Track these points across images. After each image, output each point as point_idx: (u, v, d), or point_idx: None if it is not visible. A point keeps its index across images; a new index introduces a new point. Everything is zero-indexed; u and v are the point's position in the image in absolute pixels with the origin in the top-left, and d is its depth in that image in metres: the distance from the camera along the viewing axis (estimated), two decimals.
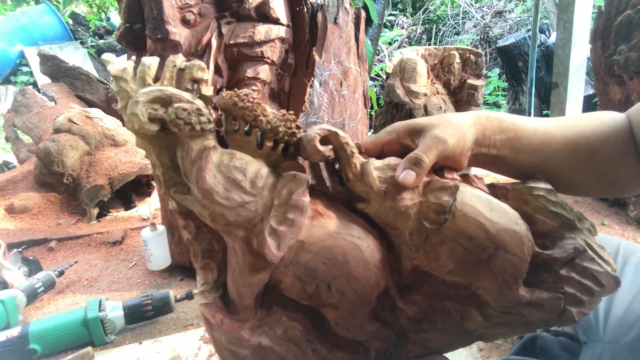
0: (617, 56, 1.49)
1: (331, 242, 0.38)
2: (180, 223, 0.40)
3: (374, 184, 0.39)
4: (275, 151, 0.39)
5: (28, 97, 2.30)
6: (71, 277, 1.33)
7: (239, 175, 0.36)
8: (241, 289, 0.39)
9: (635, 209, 1.51)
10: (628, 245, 0.64)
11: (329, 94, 1.10)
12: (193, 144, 0.35)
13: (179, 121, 0.34)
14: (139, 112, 0.33)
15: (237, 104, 0.36)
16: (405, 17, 5.19)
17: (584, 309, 0.40)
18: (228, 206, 0.36)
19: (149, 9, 0.99)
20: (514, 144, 0.48)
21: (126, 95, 0.35)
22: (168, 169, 0.38)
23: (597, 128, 0.49)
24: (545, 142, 0.49)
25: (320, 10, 1.08)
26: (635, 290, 0.57)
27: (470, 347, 0.88)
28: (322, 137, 0.39)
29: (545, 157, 0.49)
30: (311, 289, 0.38)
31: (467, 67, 1.62)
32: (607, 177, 0.50)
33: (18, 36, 4.69)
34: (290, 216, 0.37)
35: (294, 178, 0.38)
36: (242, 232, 0.37)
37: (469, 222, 0.39)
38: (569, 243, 0.42)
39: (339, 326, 0.40)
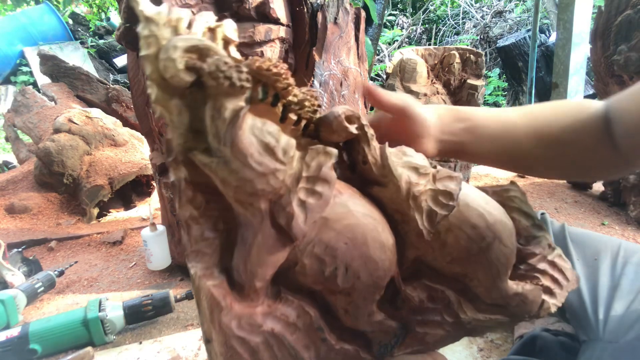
0: (617, 56, 1.49)
1: (353, 220, 0.37)
2: (187, 196, 0.36)
3: (394, 166, 0.39)
4: (297, 127, 0.38)
5: (28, 97, 2.30)
6: (71, 277, 1.33)
7: (272, 140, 0.33)
8: (256, 268, 0.36)
9: (635, 209, 1.51)
10: (628, 245, 0.64)
11: (329, 94, 1.10)
12: (227, 103, 0.32)
13: (219, 74, 0.30)
14: (177, 58, 0.30)
15: (272, 69, 0.33)
16: (405, 17, 5.19)
17: (556, 301, 0.44)
18: (260, 172, 0.33)
19: None
20: (472, 131, 0.51)
21: (156, 41, 0.31)
22: (186, 131, 0.34)
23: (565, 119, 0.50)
24: (506, 131, 0.51)
25: (320, 10, 1.08)
26: (636, 290, 0.58)
27: (470, 347, 0.88)
28: (347, 116, 0.38)
29: (508, 145, 0.51)
30: (329, 271, 0.37)
31: (467, 67, 1.62)
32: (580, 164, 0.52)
33: (18, 36, 4.68)
34: (319, 189, 0.36)
35: (324, 150, 0.36)
36: (265, 204, 0.34)
37: (472, 211, 0.40)
38: (542, 241, 0.47)
39: (348, 315, 0.40)
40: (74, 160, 1.86)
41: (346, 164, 0.42)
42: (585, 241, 0.66)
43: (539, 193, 1.85)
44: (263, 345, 0.36)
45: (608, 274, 0.61)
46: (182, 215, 0.37)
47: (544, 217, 0.71)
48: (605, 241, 0.66)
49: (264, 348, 0.36)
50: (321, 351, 0.39)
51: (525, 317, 0.45)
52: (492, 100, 3.83)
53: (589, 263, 0.63)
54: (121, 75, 4.79)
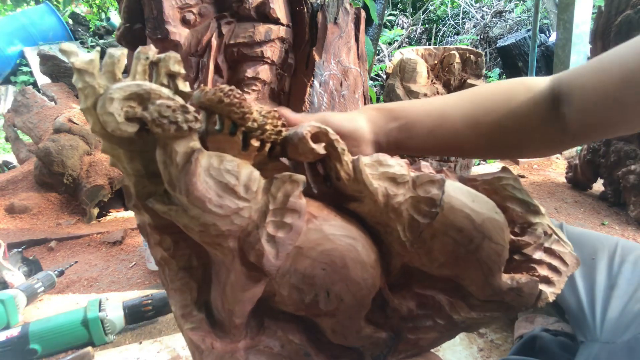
0: None
1: (329, 245, 0.36)
2: (154, 239, 0.36)
3: (368, 181, 0.37)
4: (261, 152, 0.36)
5: (28, 97, 2.30)
6: (71, 277, 1.33)
7: (231, 179, 0.32)
8: (233, 306, 0.35)
9: (635, 209, 1.51)
10: (626, 243, 0.64)
11: (329, 94, 1.10)
12: (177, 147, 0.30)
13: (163, 120, 0.29)
14: (114, 111, 0.28)
15: (223, 100, 0.32)
16: (405, 17, 5.19)
17: (555, 289, 0.43)
18: (221, 214, 0.32)
19: (149, 9, 0.99)
20: (407, 129, 0.50)
21: (93, 92, 0.29)
22: (141, 177, 0.33)
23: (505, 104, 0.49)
24: (442, 123, 0.50)
25: (320, 10, 1.08)
26: (632, 288, 0.58)
27: (471, 347, 0.88)
28: (312, 135, 0.36)
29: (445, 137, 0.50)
30: (309, 298, 0.36)
31: (467, 67, 1.62)
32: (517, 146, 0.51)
33: (18, 36, 4.69)
34: (288, 220, 0.34)
35: (290, 179, 0.34)
36: (234, 242, 0.33)
37: (457, 214, 0.39)
38: (538, 228, 0.44)
39: (336, 334, 0.39)
40: (74, 160, 1.86)
41: (321, 176, 0.40)
42: (582, 240, 0.66)
43: (539, 193, 1.85)
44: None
45: (605, 273, 0.61)
46: (154, 256, 0.36)
47: None
48: (602, 240, 0.66)
49: None
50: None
51: (522, 309, 0.44)
52: None
53: (587, 262, 0.64)
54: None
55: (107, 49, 0.31)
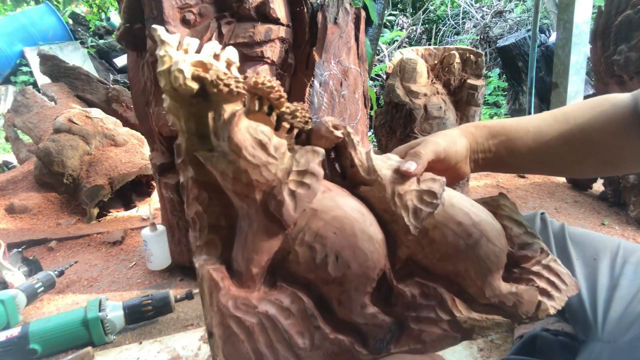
0: (617, 56, 1.49)
1: (341, 212, 0.41)
2: (193, 194, 0.41)
3: (379, 167, 0.43)
4: (289, 135, 0.42)
5: (28, 97, 2.30)
6: (71, 277, 1.33)
7: (265, 138, 0.38)
8: (251, 255, 0.39)
9: (635, 209, 1.51)
10: (628, 244, 0.64)
11: (329, 94, 1.10)
12: (227, 107, 0.37)
13: (219, 81, 0.36)
14: (184, 69, 0.35)
15: (265, 83, 0.38)
16: (405, 17, 5.19)
17: (555, 303, 0.45)
18: (253, 163, 0.37)
19: (149, 9, 0.99)
20: (507, 146, 0.53)
21: (169, 59, 0.36)
22: (193, 135, 0.39)
23: (593, 118, 0.51)
24: (538, 140, 0.52)
25: (320, 10, 1.08)
26: (635, 289, 0.57)
27: (471, 347, 0.88)
28: (333, 124, 0.43)
29: (542, 154, 0.53)
30: (320, 258, 0.40)
31: (467, 67, 1.62)
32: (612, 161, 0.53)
33: (18, 36, 4.69)
34: (308, 181, 0.40)
35: (312, 149, 0.41)
36: (260, 194, 0.39)
37: (457, 209, 0.44)
38: (535, 246, 0.49)
39: (342, 306, 0.41)
40: (74, 160, 1.86)
41: (338, 172, 0.47)
42: (584, 241, 0.66)
43: (539, 193, 1.85)
44: (258, 326, 0.39)
45: (607, 274, 0.61)
46: (189, 212, 0.41)
47: (544, 217, 0.71)
48: (604, 241, 0.66)
49: (258, 330, 0.39)
50: (315, 339, 0.40)
51: (523, 319, 0.45)
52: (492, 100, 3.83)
53: (588, 263, 0.63)
54: (121, 75, 4.79)
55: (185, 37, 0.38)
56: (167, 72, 0.36)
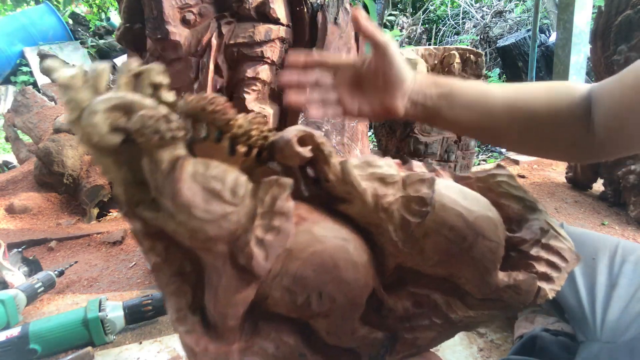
0: (617, 56, 1.49)
1: (319, 246, 0.36)
2: (146, 246, 0.36)
3: (357, 182, 0.37)
4: (248, 157, 0.36)
5: (28, 97, 2.30)
6: (71, 277, 1.33)
7: (217, 184, 0.32)
8: (225, 309, 0.35)
9: (635, 209, 1.51)
10: (627, 244, 0.64)
11: None
12: (162, 155, 0.31)
13: (146, 130, 0.29)
14: (98, 123, 0.29)
15: (207, 108, 0.32)
16: (405, 17, 5.19)
17: (555, 285, 0.42)
18: (209, 219, 0.32)
19: (149, 9, 0.99)
20: (448, 98, 0.52)
21: (77, 105, 0.30)
22: (130, 185, 0.34)
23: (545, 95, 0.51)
24: (482, 100, 0.52)
25: (320, 10, 1.08)
26: (633, 289, 0.57)
27: (470, 347, 0.88)
28: (298, 139, 0.36)
29: (482, 115, 0.52)
30: (302, 300, 0.36)
31: (467, 67, 1.61)
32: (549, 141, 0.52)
33: (18, 36, 4.68)
34: (276, 223, 0.34)
35: (277, 183, 0.35)
36: (224, 246, 0.34)
37: (448, 212, 0.39)
38: (534, 224, 0.44)
39: (330, 335, 0.39)
40: (74, 160, 1.86)
41: (312, 179, 0.40)
42: (583, 240, 0.66)
43: (539, 193, 1.85)
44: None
45: (606, 274, 0.61)
46: (148, 261, 0.37)
47: None
48: (603, 240, 0.66)
49: None
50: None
51: (521, 307, 0.43)
52: None
53: (587, 262, 0.63)
54: None
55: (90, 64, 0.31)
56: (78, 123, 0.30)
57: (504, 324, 0.93)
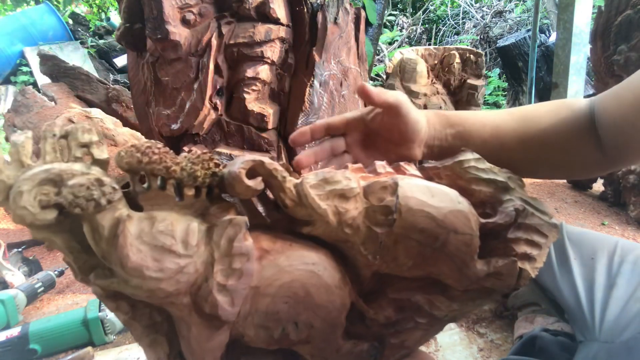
0: (617, 56, 1.49)
1: (287, 278, 0.35)
2: (111, 307, 0.35)
3: (315, 204, 0.36)
4: (199, 198, 0.34)
5: (28, 97, 2.30)
6: (71, 277, 1.33)
7: (167, 240, 0.31)
8: (202, 357, 0.34)
9: (635, 209, 1.51)
10: (625, 243, 0.65)
11: (329, 94, 1.11)
12: (102, 220, 0.29)
13: (79, 200, 0.28)
14: (26, 204, 0.27)
15: (142, 160, 0.31)
16: (405, 17, 5.19)
17: (536, 263, 0.41)
18: (164, 277, 0.31)
19: (149, 9, 0.99)
20: (463, 137, 0.52)
21: (4, 186, 0.28)
22: (80, 253, 0.32)
23: (550, 121, 0.51)
24: (494, 135, 0.52)
25: (320, 10, 1.08)
26: (632, 288, 0.58)
27: (470, 347, 0.88)
28: (247, 171, 0.34)
29: (496, 149, 0.52)
30: (278, 333, 0.35)
31: (467, 67, 1.62)
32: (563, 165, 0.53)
33: (18, 36, 4.68)
34: (237, 265, 0.33)
35: (231, 223, 0.33)
36: (186, 298, 0.33)
37: (416, 215, 0.37)
38: (508, 206, 0.42)
39: (315, 358, 0.39)
40: None
41: (272, 203, 0.39)
42: (582, 240, 0.66)
43: (539, 193, 1.85)
44: None
45: (604, 273, 0.61)
46: (118, 319, 0.36)
47: None
48: (602, 240, 0.66)
49: None
50: None
51: (505, 291, 0.42)
52: (492, 100, 3.83)
53: (586, 262, 0.64)
54: (121, 75, 4.79)
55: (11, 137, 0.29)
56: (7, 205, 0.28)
57: (504, 323, 0.93)
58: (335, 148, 0.55)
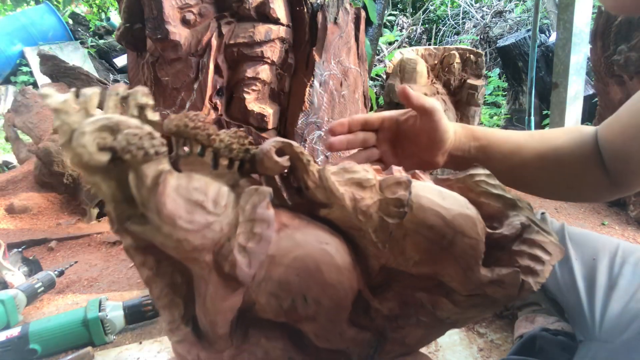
0: (617, 56, 1.49)
1: (301, 251, 0.38)
2: (138, 260, 0.37)
3: (335, 187, 0.39)
4: (231, 170, 0.38)
5: (28, 97, 2.30)
6: (71, 277, 1.33)
7: (200, 196, 0.34)
8: (214, 317, 0.37)
9: (635, 209, 1.51)
10: (627, 245, 0.65)
11: (329, 94, 1.11)
12: (147, 170, 0.33)
13: (131, 147, 0.31)
14: (87, 143, 0.31)
15: (188, 124, 0.35)
16: (405, 17, 5.19)
17: (539, 278, 0.42)
18: (192, 229, 0.34)
19: (149, 9, 0.99)
20: (486, 150, 0.56)
21: (69, 128, 0.32)
22: (120, 202, 0.35)
23: (566, 142, 0.55)
24: (515, 151, 0.56)
25: (320, 10, 1.08)
26: (632, 289, 0.58)
27: (470, 347, 0.88)
28: (277, 149, 0.38)
29: (515, 165, 0.56)
30: (287, 304, 0.37)
31: (467, 67, 1.62)
32: (574, 185, 0.56)
33: (18, 36, 4.68)
34: (258, 230, 0.36)
35: (256, 192, 0.37)
36: (209, 256, 0.35)
37: (427, 212, 0.40)
38: (515, 220, 0.45)
39: (319, 338, 0.40)
40: None
41: (295, 189, 0.42)
42: (584, 241, 0.66)
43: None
44: None
45: (606, 274, 0.61)
46: (141, 276, 0.38)
47: (544, 217, 0.71)
48: (604, 241, 0.66)
49: None
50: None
51: (507, 301, 0.44)
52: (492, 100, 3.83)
53: (588, 263, 0.64)
54: (121, 75, 4.79)
55: (81, 89, 0.33)
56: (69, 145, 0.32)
57: (504, 323, 0.93)
58: (366, 141, 0.58)
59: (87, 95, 0.33)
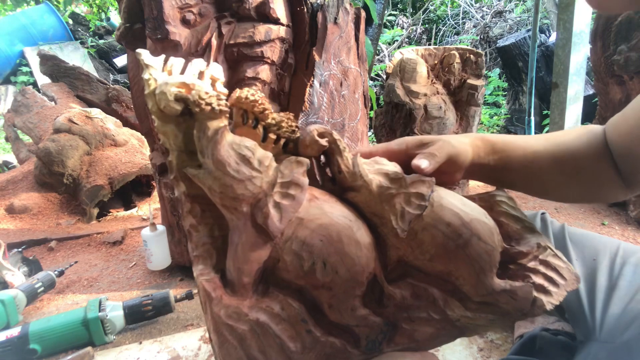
0: (617, 56, 1.49)
1: (327, 220, 0.41)
2: (187, 207, 0.43)
3: (364, 172, 0.44)
4: (277, 145, 0.44)
5: (28, 97, 2.30)
6: (71, 277, 1.33)
7: (248, 152, 0.40)
8: (242, 265, 0.41)
9: (635, 209, 1.51)
10: (627, 246, 0.64)
11: (329, 94, 1.10)
12: (210, 124, 0.39)
13: (201, 101, 0.38)
14: (167, 92, 0.38)
15: (248, 97, 0.41)
16: (405, 17, 5.19)
17: (552, 299, 0.44)
18: (237, 178, 0.39)
19: (149, 9, 0.99)
20: (505, 162, 0.56)
21: (154, 82, 0.39)
22: (182, 152, 0.42)
23: (580, 144, 0.55)
24: (533, 160, 0.56)
25: (320, 10, 1.08)
26: (633, 290, 0.57)
27: (470, 347, 0.88)
28: (319, 132, 0.44)
29: (534, 173, 0.56)
30: (308, 266, 0.40)
31: (467, 67, 1.61)
32: (592, 187, 0.57)
33: (18, 36, 4.68)
34: (292, 192, 0.41)
35: (296, 160, 0.43)
36: (246, 207, 0.40)
37: (446, 210, 0.43)
38: (532, 240, 0.48)
39: (332, 309, 0.42)
40: (74, 160, 1.86)
41: (329, 177, 0.48)
42: (584, 241, 0.66)
43: None
44: (250, 332, 0.40)
45: (606, 275, 0.61)
46: (185, 224, 0.44)
47: (545, 217, 0.71)
48: (604, 242, 0.66)
49: (250, 336, 0.40)
50: (307, 342, 0.41)
51: (519, 315, 0.44)
52: (492, 100, 3.83)
53: (588, 263, 0.63)
54: (121, 75, 4.79)
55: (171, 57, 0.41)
56: (153, 94, 0.39)
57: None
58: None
59: (174, 62, 0.41)
